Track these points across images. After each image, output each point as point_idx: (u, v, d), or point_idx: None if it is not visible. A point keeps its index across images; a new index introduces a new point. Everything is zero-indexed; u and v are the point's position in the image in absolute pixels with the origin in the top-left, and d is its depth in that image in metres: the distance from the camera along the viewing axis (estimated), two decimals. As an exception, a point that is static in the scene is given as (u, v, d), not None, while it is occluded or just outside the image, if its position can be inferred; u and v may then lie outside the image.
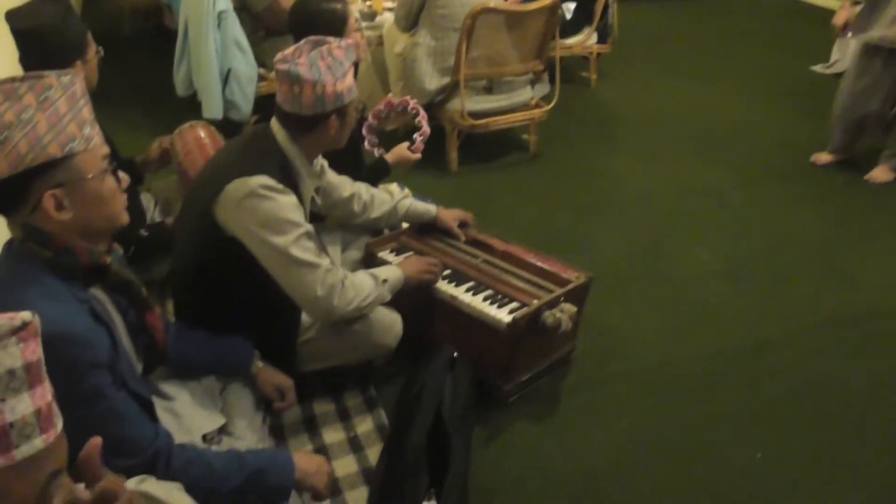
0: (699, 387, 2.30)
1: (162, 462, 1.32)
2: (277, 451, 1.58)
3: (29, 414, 0.68)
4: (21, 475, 0.68)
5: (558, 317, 2.09)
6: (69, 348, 1.18)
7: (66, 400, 1.19)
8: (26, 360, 0.69)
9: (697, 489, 1.91)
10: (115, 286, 1.38)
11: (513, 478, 1.95)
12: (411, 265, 2.17)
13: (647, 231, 3.27)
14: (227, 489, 1.40)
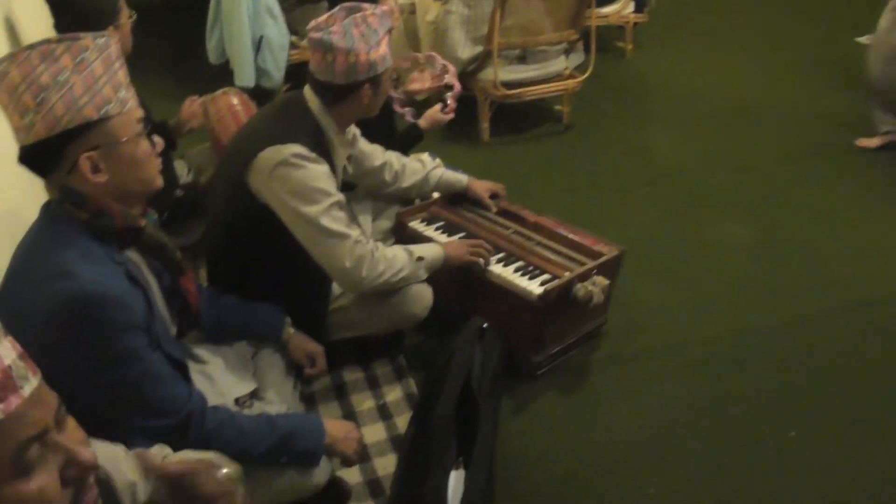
0: (731, 363, 2.27)
1: (195, 423, 1.33)
2: (308, 416, 1.59)
3: None
4: None
5: (590, 289, 2.07)
6: (105, 309, 1.19)
7: (100, 359, 1.23)
8: None
9: (728, 466, 1.89)
10: (149, 249, 1.39)
11: (541, 449, 1.95)
12: (457, 248, 2.13)
13: (681, 205, 3.21)
14: (259, 452, 1.41)
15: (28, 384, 0.68)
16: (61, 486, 0.69)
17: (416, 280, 2.02)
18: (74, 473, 0.70)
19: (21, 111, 1.19)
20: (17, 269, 1.26)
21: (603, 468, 1.89)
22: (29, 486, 0.66)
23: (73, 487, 0.71)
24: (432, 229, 2.43)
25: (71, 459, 0.70)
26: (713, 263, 2.79)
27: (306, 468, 1.51)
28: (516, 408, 2.08)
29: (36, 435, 0.67)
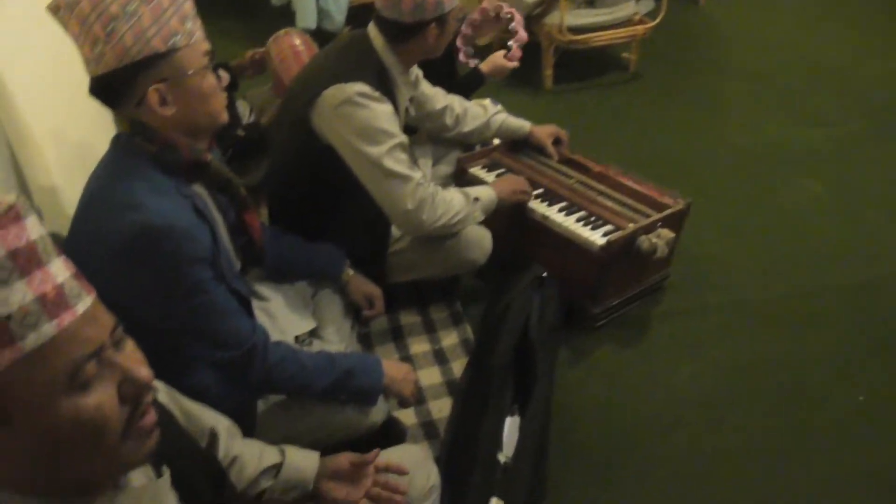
0: (800, 323, 2.19)
1: (259, 356, 1.35)
2: (367, 356, 1.60)
3: (28, 302, 0.63)
4: (39, 364, 0.64)
5: (654, 242, 2.01)
6: (173, 241, 1.20)
7: (168, 290, 1.25)
8: (10, 248, 0.63)
9: (791, 428, 1.84)
10: (215, 184, 1.40)
11: (597, 401, 1.93)
12: (505, 185, 2.12)
13: (753, 160, 3.09)
14: (319, 388, 1.43)
15: (82, 302, 0.69)
16: (118, 404, 0.70)
17: (473, 222, 2.00)
18: (131, 391, 0.72)
19: (91, 41, 1.19)
20: (89, 200, 1.28)
21: (659, 423, 1.86)
22: (87, 401, 0.67)
23: (129, 405, 0.72)
24: (493, 176, 2.39)
25: (127, 377, 0.71)
26: (784, 220, 2.68)
27: (364, 406, 1.52)
28: (573, 359, 2.06)
29: (91, 353, 0.68)
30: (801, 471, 1.72)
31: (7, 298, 0.62)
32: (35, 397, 0.64)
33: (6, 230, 0.64)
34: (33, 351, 0.64)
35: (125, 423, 0.71)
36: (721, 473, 1.72)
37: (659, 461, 1.75)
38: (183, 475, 0.89)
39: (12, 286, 0.63)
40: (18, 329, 0.63)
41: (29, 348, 0.63)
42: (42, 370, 0.64)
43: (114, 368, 0.70)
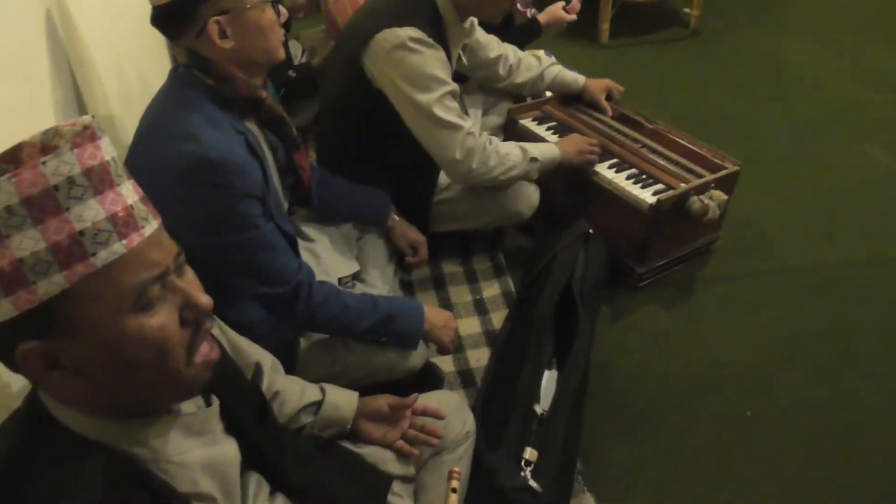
0: (851, 294, 2.13)
1: (304, 294, 1.37)
2: (409, 300, 1.61)
3: (101, 220, 0.66)
4: (108, 281, 0.66)
5: (706, 203, 1.97)
6: (226, 174, 1.22)
7: (218, 223, 1.26)
8: (85, 166, 0.65)
9: (836, 399, 1.80)
10: (268, 121, 1.40)
11: (637, 360, 1.91)
12: (570, 146, 2.06)
13: (814, 123, 2.98)
14: (361, 329, 1.45)
15: (149, 225, 0.71)
16: (180, 328, 0.73)
17: (526, 179, 1.98)
18: (192, 316, 0.74)
19: None
20: (146, 130, 1.30)
21: (700, 385, 1.84)
22: (151, 322, 0.70)
23: (190, 330, 0.74)
24: (543, 129, 2.36)
25: (188, 302, 0.74)
26: (844, 187, 2.59)
27: (404, 350, 1.54)
28: (614, 317, 2.04)
29: (157, 276, 0.71)
30: (843, 442, 1.69)
31: (81, 214, 0.65)
32: (102, 313, 0.67)
33: (82, 148, 0.66)
34: (103, 268, 0.66)
35: (187, 348, 0.74)
36: (760, 439, 1.70)
37: (696, 423, 1.74)
38: (229, 405, 0.91)
39: (86, 203, 0.65)
40: (90, 245, 0.65)
41: (100, 264, 0.66)
42: (110, 288, 0.67)
43: (176, 293, 0.73)
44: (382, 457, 1.26)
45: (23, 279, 0.63)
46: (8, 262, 0.62)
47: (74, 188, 0.64)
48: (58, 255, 0.64)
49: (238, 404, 0.94)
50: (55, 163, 0.63)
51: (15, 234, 0.62)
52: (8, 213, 0.62)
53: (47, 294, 0.64)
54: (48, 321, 0.65)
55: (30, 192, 0.62)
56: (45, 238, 0.63)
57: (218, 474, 0.84)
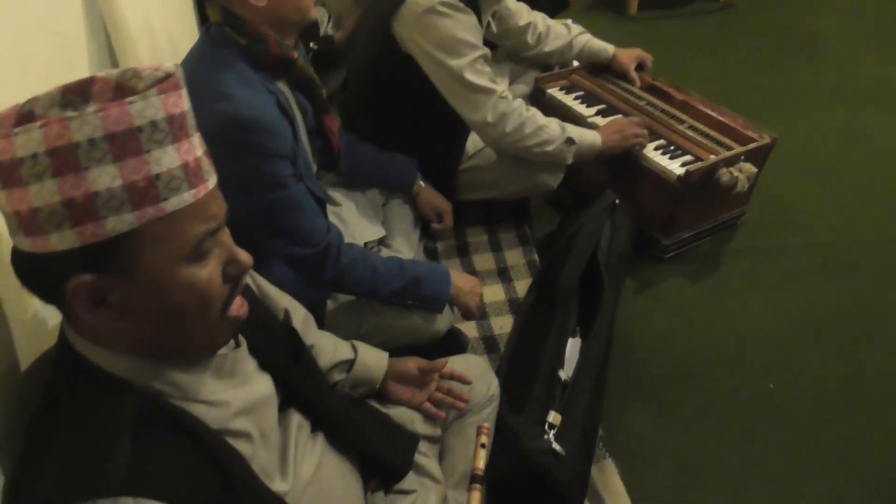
0: (880, 272, 2.10)
1: (332, 256, 1.38)
2: (436, 265, 1.62)
3: (175, 167, 0.67)
4: (172, 227, 0.68)
5: (735, 176, 1.95)
6: (258, 133, 1.22)
7: (249, 182, 1.27)
8: (168, 112, 0.67)
9: (862, 377, 1.78)
10: (298, 82, 1.40)
11: (660, 331, 1.91)
12: (615, 131, 2.00)
13: (846, 99, 2.92)
14: (388, 291, 1.46)
15: (212, 179, 0.74)
16: (222, 282, 0.75)
17: (558, 161, 1.96)
18: (234, 272, 0.76)
19: None
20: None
21: (723, 358, 1.83)
22: (201, 273, 0.72)
23: (230, 285, 0.76)
24: (571, 98, 2.34)
25: (232, 258, 0.76)
26: (877, 165, 2.55)
27: (430, 314, 1.55)
28: (639, 288, 2.04)
29: (214, 228, 0.73)
30: (867, 419, 1.68)
31: (160, 159, 0.66)
32: (160, 258, 0.68)
33: (168, 95, 0.67)
34: (171, 214, 0.68)
35: (224, 301, 0.76)
36: (783, 413, 1.69)
37: (718, 396, 1.73)
38: (259, 344, 0.92)
39: (165, 148, 0.67)
40: (164, 190, 0.67)
41: (169, 210, 0.67)
42: (173, 234, 0.69)
43: (223, 249, 0.75)
44: (409, 417, 1.28)
45: (94, 212, 0.64)
46: (82, 192, 0.63)
47: (157, 132, 0.66)
48: (132, 195, 0.65)
49: (269, 344, 0.95)
50: (141, 105, 0.65)
51: (94, 167, 0.63)
52: (90, 144, 0.63)
53: (114, 231, 0.65)
54: (108, 258, 0.66)
55: (114, 129, 0.63)
56: (122, 176, 0.64)
57: (252, 412, 0.86)
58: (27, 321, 0.94)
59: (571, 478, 1.39)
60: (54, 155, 0.62)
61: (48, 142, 0.62)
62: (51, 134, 0.62)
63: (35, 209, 0.63)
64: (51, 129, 0.62)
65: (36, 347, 0.89)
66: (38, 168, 0.62)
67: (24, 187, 0.63)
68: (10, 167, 0.63)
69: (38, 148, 0.62)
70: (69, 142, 0.62)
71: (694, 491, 1.53)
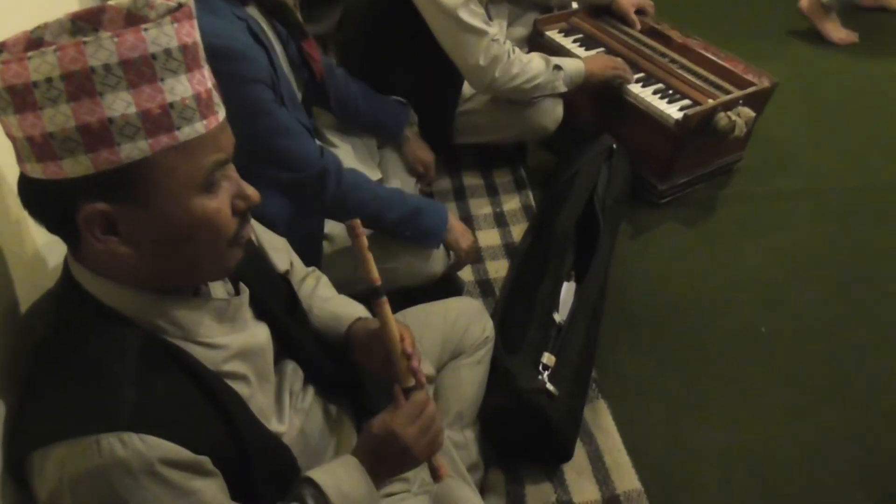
0: (874, 216, 2.12)
1: (332, 179, 1.37)
2: (434, 201, 1.62)
3: (188, 97, 0.67)
4: (185, 156, 0.68)
5: (733, 120, 1.93)
6: (230, 61, 1.18)
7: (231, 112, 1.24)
8: (181, 41, 0.67)
9: (853, 317, 1.82)
10: (269, 8, 1.36)
11: (654, 275, 1.93)
12: (597, 62, 2.04)
13: (848, 46, 2.88)
14: (389, 219, 1.46)
15: (221, 111, 0.74)
16: (231, 213, 0.76)
17: (553, 91, 1.94)
18: (242, 205, 0.77)
19: None
20: None
21: (716, 301, 1.86)
22: (211, 204, 0.73)
23: (238, 218, 0.77)
24: (570, 41, 2.30)
25: (241, 192, 0.76)
26: (877, 112, 2.54)
27: (426, 247, 1.55)
28: (634, 232, 2.05)
29: (223, 160, 0.73)
30: (859, 359, 1.71)
31: (174, 87, 0.66)
32: (172, 188, 0.69)
33: (181, 24, 0.67)
34: (184, 143, 0.68)
35: (234, 234, 0.77)
36: (774, 355, 1.72)
37: (711, 338, 1.76)
38: (258, 293, 0.93)
39: (179, 77, 0.67)
40: (177, 119, 0.67)
41: (182, 139, 0.68)
42: (186, 164, 0.69)
43: (231, 182, 0.76)
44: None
45: (109, 139, 0.64)
46: (97, 119, 0.63)
47: (171, 61, 0.66)
48: (146, 122, 0.65)
49: (267, 293, 0.96)
50: (156, 32, 0.64)
51: (109, 93, 0.63)
52: (105, 70, 0.62)
53: (129, 158, 0.65)
54: (121, 186, 0.66)
55: (129, 55, 0.63)
56: (136, 103, 0.64)
57: (249, 357, 0.87)
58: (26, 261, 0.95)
59: (565, 417, 1.42)
60: (69, 79, 0.62)
61: (63, 66, 0.61)
62: (66, 58, 0.61)
63: (49, 134, 0.63)
64: (66, 53, 0.61)
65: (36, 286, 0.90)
66: (52, 92, 0.62)
67: (37, 111, 0.62)
68: (23, 91, 0.62)
69: (52, 72, 0.61)
70: (84, 66, 0.62)
71: (685, 429, 1.57)
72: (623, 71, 2.06)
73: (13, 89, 0.62)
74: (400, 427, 0.90)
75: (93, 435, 0.66)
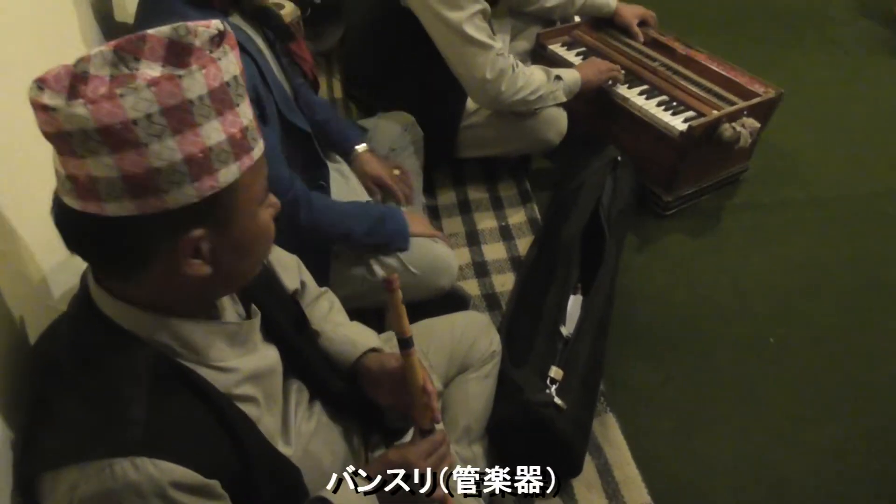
0: (881, 224, 2.11)
1: (304, 205, 1.37)
2: (387, 205, 1.63)
3: (251, 118, 0.72)
4: (255, 173, 0.73)
5: (738, 131, 1.93)
6: None
7: None
8: (239, 68, 0.70)
9: (862, 326, 1.81)
10: (253, 14, 1.35)
11: (661, 286, 1.92)
12: (591, 67, 2.06)
13: (853, 54, 2.89)
14: (358, 232, 1.46)
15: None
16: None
17: (554, 102, 1.95)
18: (274, 212, 0.81)
19: None
20: None
21: (723, 312, 1.85)
22: (266, 213, 0.79)
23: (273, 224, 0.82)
24: (573, 54, 2.31)
25: (270, 200, 0.80)
26: (883, 119, 2.54)
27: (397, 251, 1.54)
28: (640, 244, 2.04)
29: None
30: (868, 368, 1.70)
31: (244, 112, 0.71)
32: (248, 203, 0.73)
33: (234, 50, 0.70)
34: (256, 161, 0.72)
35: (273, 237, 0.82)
36: (783, 365, 1.71)
37: (719, 349, 1.75)
38: (269, 314, 0.93)
39: (244, 101, 0.71)
40: (250, 140, 0.71)
41: (256, 158, 0.72)
42: (257, 180, 0.74)
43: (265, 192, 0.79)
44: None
45: (209, 166, 0.66)
46: (199, 149, 0.65)
47: (238, 87, 0.69)
48: (234, 147, 0.69)
49: (277, 313, 0.96)
50: (225, 61, 0.67)
51: (205, 123, 0.65)
52: (200, 101, 0.65)
53: (225, 181, 0.68)
54: (212, 210, 0.69)
55: (213, 85, 0.65)
56: (224, 130, 0.67)
57: (260, 380, 0.87)
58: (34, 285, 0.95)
59: (573, 430, 1.41)
60: (170, 114, 0.63)
61: (161, 101, 0.62)
62: (163, 93, 0.62)
63: (155, 170, 0.63)
64: (162, 88, 0.62)
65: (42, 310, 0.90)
66: (154, 128, 0.63)
67: (140, 148, 0.62)
68: (121, 130, 0.61)
69: (150, 108, 0.62)
70: (183, 100, 0.63)
71: (695, 441, 1.56)
72: (615, 71, 2.09)
73: (108, 129, 0.61)
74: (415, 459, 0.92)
75: (106, 459, 0.66)
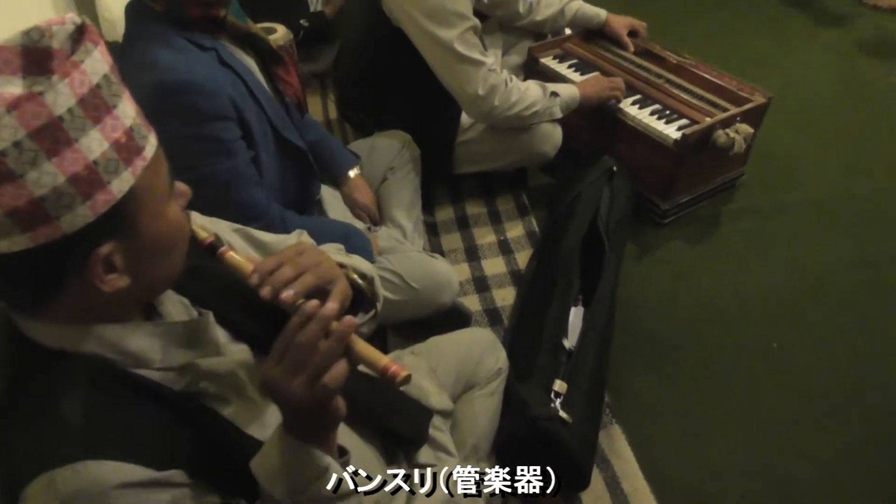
0: (879, 224, 2.11)
1: (279, 227, 1.36)
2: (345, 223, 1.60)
3: (135, 115, 0.67)
4: (153, 172, 0.68)
5: (732, 137, 1.94)
6: (188, 96, 1.18)
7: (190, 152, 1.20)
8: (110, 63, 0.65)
9: (863, 326, 1.81)
10: (238, 37, 1.36)
11: (662, 295, 1.92)
12: (591, 85, 2.05)
13: (843, 56, 2.91)
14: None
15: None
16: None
17: (550, 118, 1.96)
18: (184, 202, 0.78)
19: None
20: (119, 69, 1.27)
21: (725, 318, 1.85)
22: (176, 207, 0.75)
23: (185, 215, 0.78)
24: (565, 67, 2.32)
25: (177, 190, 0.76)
26: (875, 120, 2.55)
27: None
28: (640, 253, 2.04)
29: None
30: (872, 367, 1.70)
31: (124, 111, 0.65)
32: (153, 205, 0.69)
33: (100, 46, 0.65)
34: (151, 159, 0.68)
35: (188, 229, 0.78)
36: (787, 370, 1.71)
37: (722, 354, 1.75)
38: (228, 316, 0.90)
39: (122, 100, 0.66)
40: (139, 139, 0.67)
41: (149, 157, 0.68)
42: (157, 177, 0.70)
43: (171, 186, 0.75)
44: (423, 393, 1.27)
45: (99, 180, 0.62)
46: (82, 166, 0.61)
47: (112, 85, 0.64)
48: (121, 152, 0.64)
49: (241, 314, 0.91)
50: (90, 62, 0.62)
51: (81, 136, 0.61)
52: (70, 114, 0.60)
53: (120, 192, 0.64)
54: (116, 221, 0.65)
55: (81, 93, 0.61)
56: (106, 137, 0.63)
57: (222, 378, 0.84)
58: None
59: (580, 444, 1.40)
60: (39, 137, 0.58)
61: (26, 124, 0.58)
62: (26, 115, 0.58)
63: (39, 199, 0.59)
64: (24, 110, 0.57)
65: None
66: (26, 156, 0.58)
67: (16, 180, 0.58)
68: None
69: (16, 135, 0.57)
70: (51, 118, 0.59)
71: (702, 450, 1.55)
72: (619, 90, 2.07)
73: None
74: (269, 372, 0.73)
75: (48, 472, 0.65)
